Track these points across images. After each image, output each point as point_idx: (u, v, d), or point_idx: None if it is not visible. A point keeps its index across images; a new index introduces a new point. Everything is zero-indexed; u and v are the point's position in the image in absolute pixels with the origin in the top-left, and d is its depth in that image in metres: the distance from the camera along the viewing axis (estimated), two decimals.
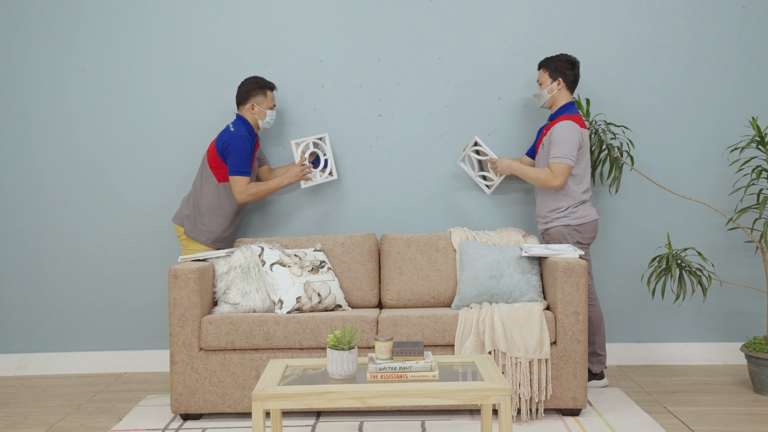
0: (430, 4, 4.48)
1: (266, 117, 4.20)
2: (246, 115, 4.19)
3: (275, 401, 2.59)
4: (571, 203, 3.98)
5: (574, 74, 4.01)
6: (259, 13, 4.51)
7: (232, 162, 4.06)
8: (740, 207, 4.44)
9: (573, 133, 3.88)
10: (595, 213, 4.03)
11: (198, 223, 4.14)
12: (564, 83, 4.02)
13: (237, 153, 4.05)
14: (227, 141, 4.07)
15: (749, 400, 3.81)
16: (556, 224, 4.00)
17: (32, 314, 4.58)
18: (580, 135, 3.90)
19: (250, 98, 4.17)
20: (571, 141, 3.87)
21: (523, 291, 3.76)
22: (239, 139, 4.05)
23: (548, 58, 4.05)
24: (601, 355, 4.04)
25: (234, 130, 4.09)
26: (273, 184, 4.16)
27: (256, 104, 4.17)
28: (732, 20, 4.46)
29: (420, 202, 4.51)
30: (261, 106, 4.19)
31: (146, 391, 4.14)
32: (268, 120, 4.22)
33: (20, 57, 4.52)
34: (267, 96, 4.20)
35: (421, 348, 2.77)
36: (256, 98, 4.18)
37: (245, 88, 4.18)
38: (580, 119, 3.95)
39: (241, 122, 4.16)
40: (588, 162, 4.00)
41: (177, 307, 3.57)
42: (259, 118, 4.18)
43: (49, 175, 4.55)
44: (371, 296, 4.07)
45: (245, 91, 4.17)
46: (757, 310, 4.51)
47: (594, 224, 4.02)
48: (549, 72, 4.03)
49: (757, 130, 3.91)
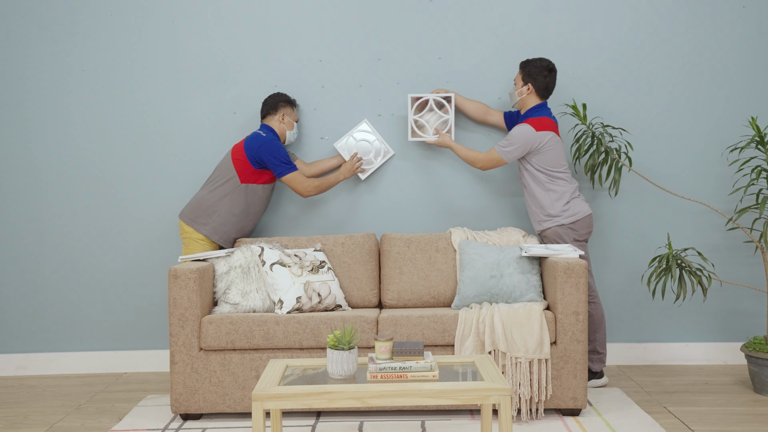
0: (430, 4, 4.48)
1: (294, 128, 4.28)
2: (273, 125, 4.23)
3: (275, 401, 2.59)
4: (560, 203, 3.99)
5: (546, 81, 4.03)
6: (259, 13, 4.51)
7: (277, 164, 4.08)
8: (740, 207, 4.44)
9: (524, 137, 3.95)
10: (588, 208, 4.04)
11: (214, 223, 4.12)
12: (533, 88, 4.06)
13: (277, 154, 4.07)
14: (261, 146, 4.07)
15: (749, 400, 3.81)
16: (549, 225, 4.01)
17: (32, 314, 4.58)
18: (533, 138, 3.94)
19: (280, 108, 4.24)
20: (518, 143, 3.95)
21: (523, 291, 3.76)
22: (272, 142, 4.09)
23: (528, 61, 4.09)
24: (601, 354, 4.05)
25: (266, 135, 4.12)
26: (332, 179, 4.25)
27: (286, 115, 4.25)
28: (732, 20, 4.46)
29: (420, 202, 4.51)
30: (290, 117, 4.27)
31: (146, 391, 4.14)
32: (295, 132, 4.30)
33: (20, 57, 4.52)
34: (293, 110, 4.31)
35: (421, 348, 2.77)
36: (286, 109, 4.26)
37: (275, 99, 4.25)
38: (542, 122, 3.97)
39: (269, 130, 4.19)
40: (559, 158, 4.00)
41: (177, 307, 3.57)
42: (287, 129, 4.25)
43: (49, 175, 4.55)
44: (371, 296, 4.07)
45: (275, 102, 4.24)
46: (757, 310, 4.51)
47: (587, 219, 4.02)
48: (522, 75, 4.09)
49: (756, 130, 3.91)
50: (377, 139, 4.41)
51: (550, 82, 4.05)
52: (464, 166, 4.48)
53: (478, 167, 4.13)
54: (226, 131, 4.51)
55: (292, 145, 4.50)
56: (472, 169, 4.48)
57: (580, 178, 4.46)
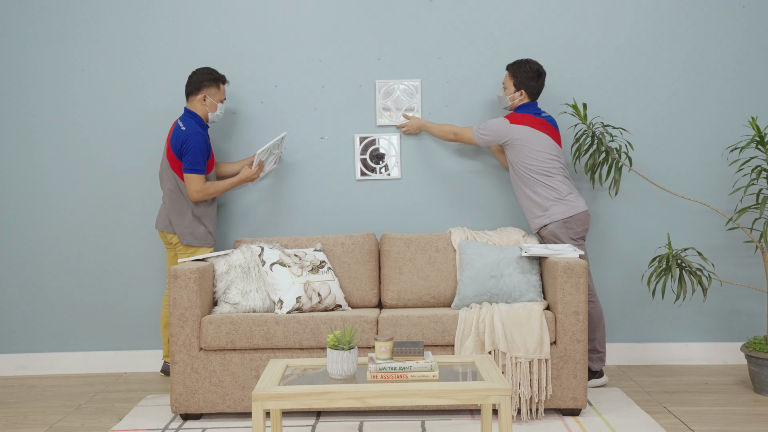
0: (430, 4, 4.48)
1: (217, 110, 4.18)
2: (196, 107, 4.14)
3: (275, 401, 2.59)
4: (549, 201, 4.00)
5: (538, 85, 4.12)
6: (259, 13, 4.51)
7: (190, 160, 4.02)
8: (740, 207, 4.44)
9: (497, 128, 4.08)
10: (583, 204, 4.04)
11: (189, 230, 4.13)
12: (526, 93, 4.14)
13: (194, 151, 4.01)
14: (183, 140, 4.03)
15: (749, 400, 3.81)
16: (544, 222, 4.02)
17: (32, 314, 4.58)
18: (505, 130, 4.05)
19: (203, 89, 4.13)
20: (489, 131, 4.09)
21: (523, 291, 3.76)
22: (194, 137, 4.02)
23: (517, 65, 4.12)
24: (600, 353, 4.05)
25: (186, 129, 4.05)
26: (226, 184, 4.17)
27: (209, 96, 4.15)
28: (732, 20, 4.46)
29: (420, 202, 4.51)
30: (213, 98, 4.16)
31: (146, 391, 4.14)
32: (218, 113, 4.20)
33: (21, 57, 4.52)
34: (219, 89, 4.18)
35: (421, 348, 2.77)
36: (209, 90, 4.15)
37: (198, 78, 4.13)
38: (521, 117, 4.06)
39: (191, 117, 4.12)
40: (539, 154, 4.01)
41: (177, 307, 3.57)
42: (209, 111, 4.16)
43: (49, 175, 4.55)
44: (371, 296, 4.07)
45: (198, 81, 4.13)
46: (757, 310, 4.51)
47: (583, 216, 4.02)
48: (514, 81, 4.13)
49: (756, 130, 3.91)
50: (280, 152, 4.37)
51: (541, 84, 4.14)
52: (464, 167, 4.48)
53: (449, 139, 4.27)
54: (226, 131, 4.51)
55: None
56: (472, 169, 4.49)
57: (580, 178, 4.46)
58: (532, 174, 4.03)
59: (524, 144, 4.02)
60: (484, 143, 4.15)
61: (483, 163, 4.49)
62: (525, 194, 4.10)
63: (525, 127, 4.03)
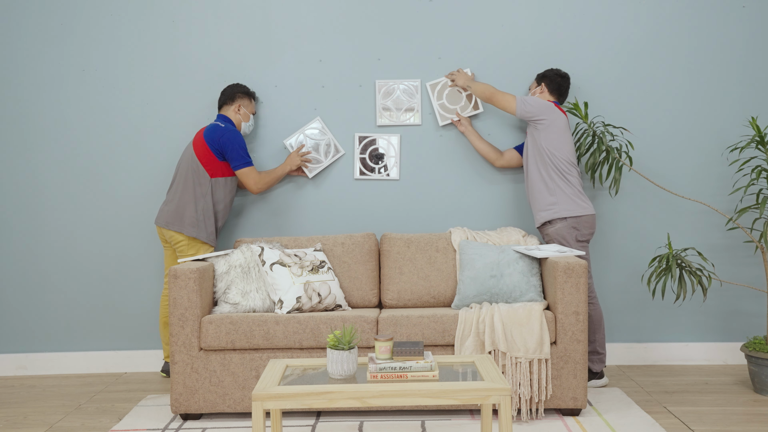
0: (430, 4, 4.48)
1: (249, 120, 4.30)
2: (230, 115, 4.27)
3: (275, 401, 2.59)
4: (560, 194, 4.00)
5: (558, 82, 4.20)
6: (259, 13, 4.51)
7: (236, 156, 4.11)
8: (740, 207, 4.44)
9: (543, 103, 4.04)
10: (592, 208, 4.04)
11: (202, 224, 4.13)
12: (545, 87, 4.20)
13: (237, 146, 4.10)
14: (222, 137, 4.09)
15: (749, 400, 3.81)
16: (550, 217, 4.00)
17: (32, 314, 4.58)
18: (550, 109, 4.05)
19: (237, 99, 4.27)
20: (536, 105, 4.03)
21: (523, 291, 3.76)
22: (233, 133, 4.13)
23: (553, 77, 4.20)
24: (601, 354, 4.05)
25: (225, 126, 4.15)
26: (278, 171, 4.28)
27: (243, 106, 4.27)
28: (732, 20, 4.46)
29: (420, 202, 4.51)
30: (246, 109, 4.29)
31: (146, 391, 4.14)
32: (250, 124, 4.32)
33: (20, 57, 4.52)
34: (251, 102, 4.33)
35: (421, 348, 2.77)
36: (243, 100, 4.28)
37: (231, 90, 4.28)
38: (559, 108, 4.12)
39: (227, 121, 4.23)
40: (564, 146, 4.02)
41: (177, 307, 3.57)
42: (243, 120, 4.27)
43: (49, 175, 4.55)
44: (371, 296, 4.07)
45: (231, 93, 4.27)
46: (757, 310, 4.51)
47: (591, 219, 4.02)
48: (537, 76, 4.25)
49: (756, 130, 3.91)
50: (329, 137, 4.41)
51: (562, 83, 4.18)
52: (463, 166, 4.48)
53: (485, 98, 4.17)
54: None
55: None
56: (471, 169, 4.48)
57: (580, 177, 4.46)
58: (557, 161, 4.01)
59: (559, 130, 4.02)
60: (523, 113, 4.05)
61: (483, 163, 4.49)
62: (540, 179, 4.06)
63: (563, 116, 4.07)
